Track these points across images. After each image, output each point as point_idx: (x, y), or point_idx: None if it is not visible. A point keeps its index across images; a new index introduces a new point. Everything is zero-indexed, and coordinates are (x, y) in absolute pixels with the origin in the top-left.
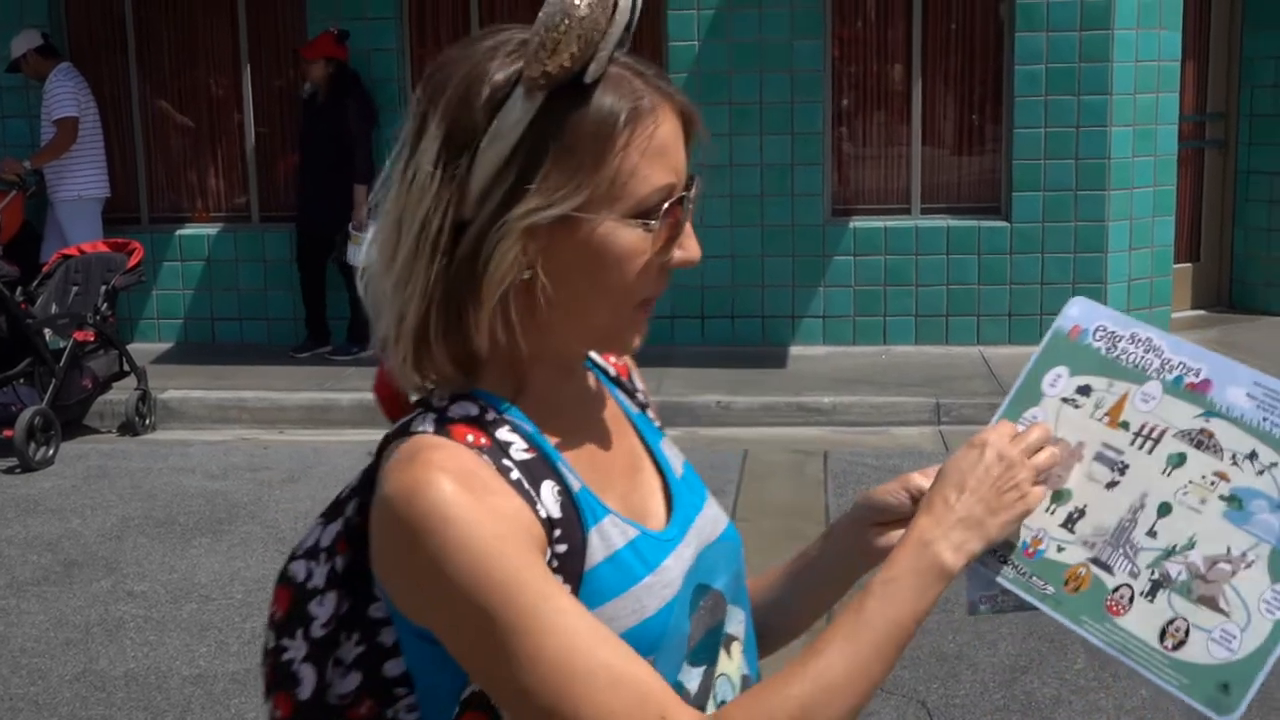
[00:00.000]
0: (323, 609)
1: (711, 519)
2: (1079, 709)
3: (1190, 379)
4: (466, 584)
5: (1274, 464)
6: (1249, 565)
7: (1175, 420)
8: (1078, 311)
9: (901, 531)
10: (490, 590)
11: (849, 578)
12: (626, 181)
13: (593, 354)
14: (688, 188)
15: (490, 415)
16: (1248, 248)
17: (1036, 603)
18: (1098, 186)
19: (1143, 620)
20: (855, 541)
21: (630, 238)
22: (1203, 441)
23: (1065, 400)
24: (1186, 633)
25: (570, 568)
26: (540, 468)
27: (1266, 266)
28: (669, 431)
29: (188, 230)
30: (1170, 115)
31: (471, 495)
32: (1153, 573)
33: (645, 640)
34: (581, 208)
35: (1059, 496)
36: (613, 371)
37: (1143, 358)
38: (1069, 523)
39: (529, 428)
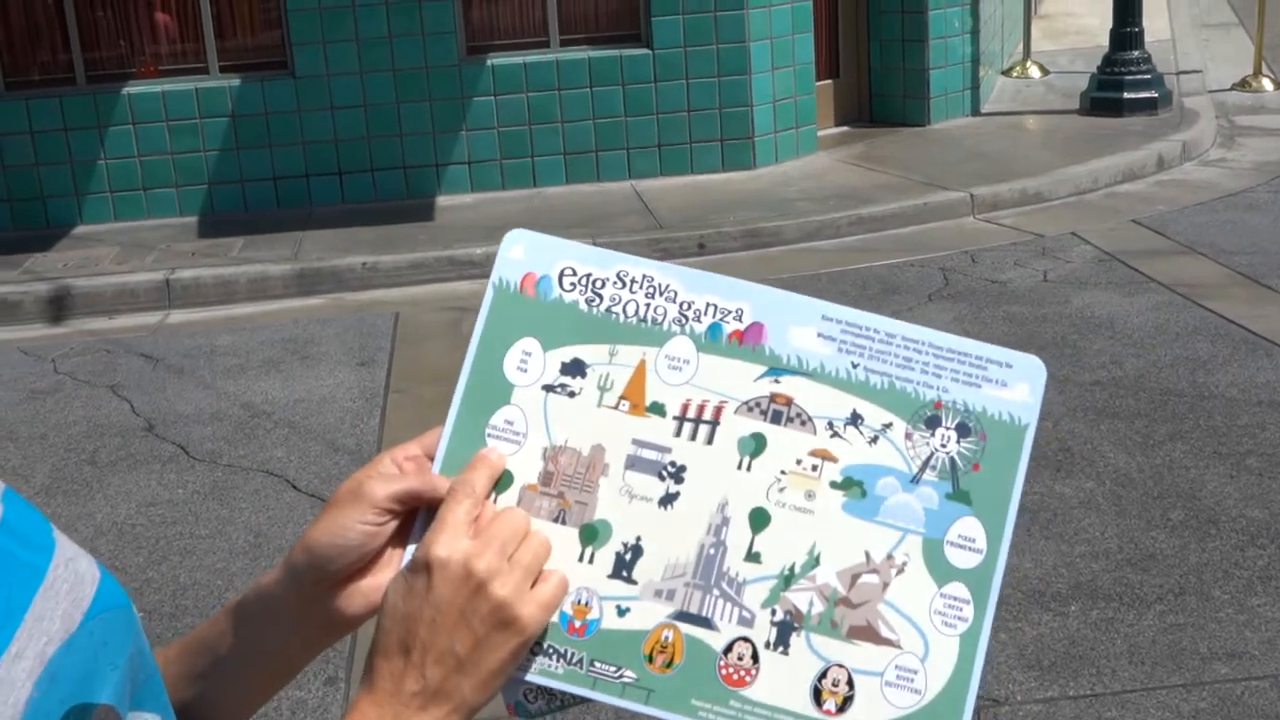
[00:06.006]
0: None
1: (68, 583)
2: None
3: (732, 325)
4: None
5: (888, 425)
6: (900, 570)
7: (730, 389)
8: (524, 251)
9: (389, 577)
10: None
11: (298, 665)
12: None
13: None
14: None
15: None
16: (884, 60)
17: (613, 699)
18: (736, 6)
19: (783, 684)
20: (303, 621)
21: None
22: (781, 412)
23: (550, 388)
24: (850, 684)
25: None
26: None
27: (902, 78)
28: (315, 300)
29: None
30: None
31: None
32: (774, 613)
33: None
34: None
35: (590, 535)
36: None
37: (649, 305)
38: (622, 569)
39: None
